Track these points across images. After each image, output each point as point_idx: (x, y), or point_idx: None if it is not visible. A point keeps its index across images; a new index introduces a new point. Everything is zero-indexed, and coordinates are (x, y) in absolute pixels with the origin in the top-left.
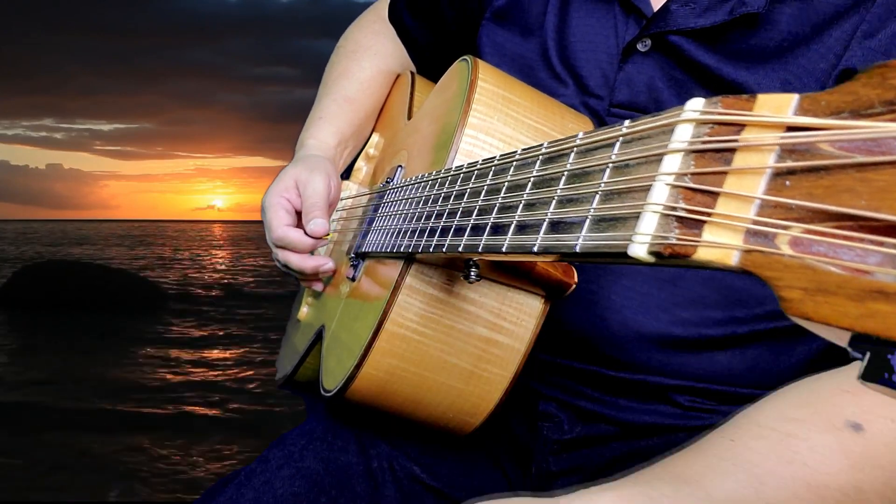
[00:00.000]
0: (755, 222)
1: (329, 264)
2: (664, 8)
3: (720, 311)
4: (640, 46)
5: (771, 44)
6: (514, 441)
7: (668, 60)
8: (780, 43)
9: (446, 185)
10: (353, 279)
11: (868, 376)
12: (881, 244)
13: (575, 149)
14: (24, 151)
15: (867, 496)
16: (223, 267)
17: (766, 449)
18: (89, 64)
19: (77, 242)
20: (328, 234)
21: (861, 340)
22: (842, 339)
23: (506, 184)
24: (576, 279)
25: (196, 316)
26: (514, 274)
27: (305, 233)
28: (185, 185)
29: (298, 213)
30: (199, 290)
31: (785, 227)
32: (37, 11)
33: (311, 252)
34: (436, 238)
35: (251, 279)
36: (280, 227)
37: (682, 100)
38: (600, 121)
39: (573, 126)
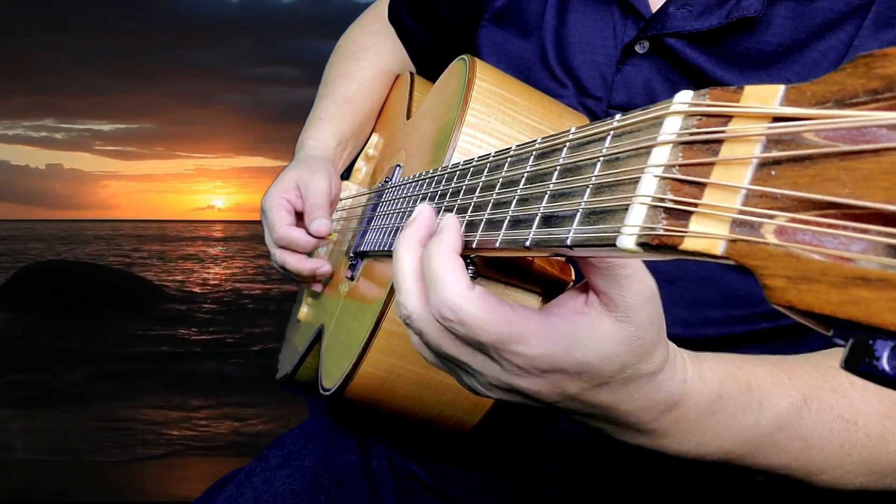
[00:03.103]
0: (741, 212)
1: (326, 267)
2: (662, 10)
3: (718, 311)
4: (637, 48)
5: (767, 48)
6: (512, 440)
7: (666, 63)
8: (775, 48)
9: (442, 183)
10: (351, 279)
11: (850, 363)
12: (864, 231)
13: (567, 144)
14: (24, 151)
15: (890, 448)
16: (222, 267)
17: (816, 374)
18: (89, 64)
19: (77, 242)
20: (330, 234)
21: (844, 327)
22: (826, 328)
23: (500, 180)
24: (573, 276)
25: (196, 316)
26: (512, 272)
27: (308, 232)
28: (185, 185)
29: (299, 214)
30: (198, 291)
31: (770, 217)
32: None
33: (311, 254)
34: None
35: (250, 280)
36: (282, 226)
37: None
38: None
39: (571, 125)
